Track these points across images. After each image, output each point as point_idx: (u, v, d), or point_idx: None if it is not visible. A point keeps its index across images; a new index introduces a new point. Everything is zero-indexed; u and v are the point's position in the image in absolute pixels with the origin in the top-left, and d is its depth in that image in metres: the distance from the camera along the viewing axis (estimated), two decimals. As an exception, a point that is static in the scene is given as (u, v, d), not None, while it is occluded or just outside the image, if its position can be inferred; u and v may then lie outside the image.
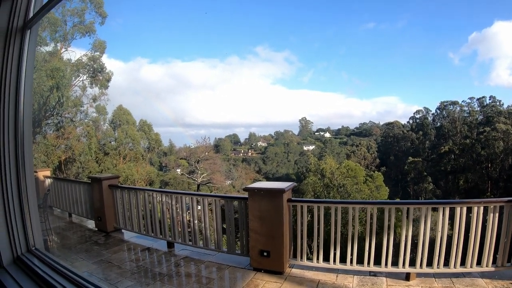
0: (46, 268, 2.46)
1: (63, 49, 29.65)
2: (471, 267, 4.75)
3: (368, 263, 4.89)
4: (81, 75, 30.88)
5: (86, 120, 31.96)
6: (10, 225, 2.68)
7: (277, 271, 5.07)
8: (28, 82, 2.84)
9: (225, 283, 5.14)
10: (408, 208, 4.82)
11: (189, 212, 6.07)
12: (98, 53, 31.25)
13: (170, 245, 6.28)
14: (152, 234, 6.56)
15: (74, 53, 30.67)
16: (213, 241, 6.02)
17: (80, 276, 2.29)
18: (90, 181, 7.78)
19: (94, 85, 31.31)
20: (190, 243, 6.07)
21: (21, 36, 2.71)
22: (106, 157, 32.89)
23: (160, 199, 6.42)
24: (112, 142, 34.97)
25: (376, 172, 38.25)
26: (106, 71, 31.87)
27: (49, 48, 27.52)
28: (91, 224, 7.98)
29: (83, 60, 30.76)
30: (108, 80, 32.07)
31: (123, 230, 7.30)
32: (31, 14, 2.71)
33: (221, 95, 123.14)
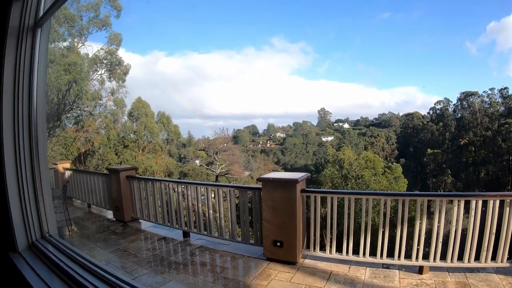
0: (59, 254, 2.57)
1: (80, 44, 30.21)
2: (485, 262, 4.71)
3: (381, 255, 4.92)
4: (98, 69, 31.32)
5: (105, 113, 32.53)
6: (25, 212, 2.81)
7: (290, 261, 5.15)
8: (40, 79, 2.96)
9: (239, 272, 5.27)
10: (422, 200, 4.81)
11: (204, 203, 6.15)
12: (114, 46, 31.63)
13: (186, 234, 6.44)
14: (169, 224, 6.75)
15: (91, 47, 31.15)
16: (227, 231, 6.12)
17: (92, 262, 2.37)
18: (108, 173, 7.98)
19: (112, 79, 31.72)
20: (205, 232, 6.24)
21: (32, 34, 2.83)
22: (125, 149, 33.44)
23: (176, 189, 6.52)
24: (131, 135, 35.45)
25: (394, 163, 38.10)
26: (124, 64, 32.23)
27: (66, 44, 27.93)
28: (109, 214, 8.24)
29: (100, 54, 31.27)
30: (126, 73, 32.45)
31: (140, 220, 7.51)
32: (41, 13, 2.80)
33: (238, 86, 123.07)
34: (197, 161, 48.50)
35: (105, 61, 31.31)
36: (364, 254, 4.97)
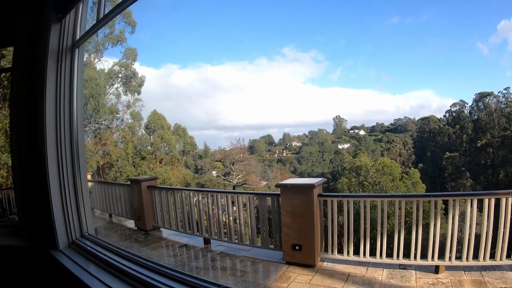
0: (99, 248, 2.88)
1: (96, 60, 31.05)
2: (501, 260, 4.84)
3: (398, 256, 5.09)
4: (114, 83, 32.14)
5: (122, 126, 33.41)
6: (67, 212, 3.14)
7: (308, 264, 5.36)
8: (79, 92, 3.34)
9: (259, 275, 5.52)
10: (436, 201, 4.97)
11: (224, 210, 6.41)
12: (130, 60, 32.48)
13: (207, 241, 6.70)
14: (189, 231, 7.02)
15: (108, 62, 32.03)
16: (247, 237, 6.35)
17: (134, 254, 2.65)
18: (129, 183, 8.31)
19: (128, 92, 32.47)
20: (226, 239, 6.50)
21: (71, 54, 3.21)
22: (142, 161, 34.03)
23: (197, 198, 6.81)
24: (148, 147, 36.03)
25: (412, 168, 38.18)
26: (139, 76, 33.01)
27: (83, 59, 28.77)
28: (130, 223, 8.55)
29: (115, 69, 32.13)
30: (141, 85, 33.28)
31: (161, 229, 7.81)
32: (78, 35, 3.18)
33: (252, 97, 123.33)
34: (214, 172, 48.66)
35: (120, 75, 32.14)
36: (381, 255, 5.15)
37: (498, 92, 65.38)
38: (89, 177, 11.30)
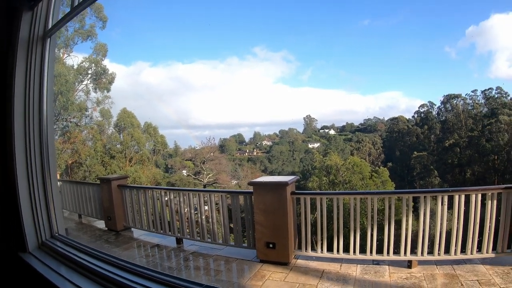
0: (70, 249, 2.80)
1: (66, 55, 30.19)
2: (471, 253, 5.03)
3: (371, 252, 5.19)
4: (84, 79, 31.38)
5: (91, 124, 32.63)
6: (36, 214, 3.03)
7: (282, 262, 5.38)
8: (49, 86, 3.21)
9: (233, 274, 5.50)
10: (408, 198, 5.09)
11: (196, 209, 6.39)
12: (100, 56, 31.77)
13: (179, 241, 6.62)
14: (161, 231, 6.92)
15: (77, 58, 31.21)
16: (220, 236, 6.34)
17: (107, 254, 2.60)
18: (99, 182, 8.14)
19: (97, 89, 31.78)
20: (198, 238, 6.43)
21: (42, 44, 3.07)
22: (112, 160, 33.38)
23: (168, 197, 6.74)
24: (118, 145, 35.38)
25: (381, 167, 39.56)
26: (109, 72, 32.35)
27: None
28: (101, 224, 8.36)
29: (85, 65, 31.30)
30: (111, 82, 32.56)
31: (132, 229, 7.67)
32: (50, 24, 3.06)
33: (223, 96, 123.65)
34: (184, 171, 48.60)
35: (90, 72, 31.40)
36: (354, 251, 5.22)
37: (466, 94, 69.42)
38: (57, 176, 10.99)
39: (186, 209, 6.53)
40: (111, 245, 6.94)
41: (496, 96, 66.51)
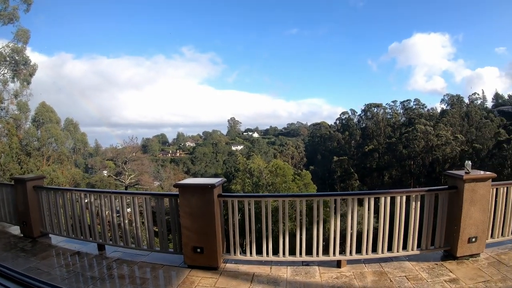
0: None
1: (-17, 39, 27.71)
2: (398, 251, 5.30)
3: (300, 253, 5.24)
4: (2, 67, 28.99)
5: (7, 118, 30.13)
6: None
7: (211, 267, 5.27)
8: None
9: (160, 282, 5.27)
10: (335, 200, 5.22)
11: (118, 212, 6.04)
12: (21, 44, 29.40)
13: (101, 247, 6.22)
14: (82, 237, 6.46)
15: (-5, 42, 28.70)
16: (145, 241, 6.04)
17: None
18: (13, 183, 7.47)
19: (16, 79, 29.48)
20: (122, 244, 6.08)
21: None
22: (28, 158, 31.37)
23: (89, 199, 6.31)
24: (35, 142, 33.36)
25: (304, 170, 41.84)
26: (31, 63, 30.10)
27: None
28: (15, 230, 7.66)
29: (4, 51, 28.85)
30: (32, 74, 30.28)
31: (50, 235, 7.09)
32: None
33: (147, 94, 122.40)
34: (105, 172, 47.73)
35: (9, 59, 29.07)
36: (284, 253, 5.24)
37: (386, 104, 79.85)
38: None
39: (107, 212, 6.13)
40: (28, 254, 6.37)
41: (414, 107, 77.88)
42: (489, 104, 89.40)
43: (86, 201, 6.39)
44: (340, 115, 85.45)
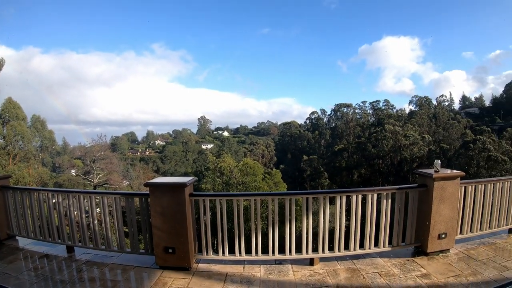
0: None
1: None
2: (369, 248, 5.43)
3: (273, 252, 5.28)
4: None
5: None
6: None
7: (184, 267, 5.24)
8: None
9: (132, 284, 5.18)
10: (307, 198, 5.26)
11: (87, 213, 5.92)
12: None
13: (70, 249, 6.08)
14: (50, 239, 6.29)
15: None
16: (115, 242, 5.95)
17: None
18: (-24, 183, 7.23)
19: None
20: (91, 245, 5.94)
21: None
22: (-7, 157, 30.53)
23: (56, 200, 6.15)
24: (0, 140, 32.47)
25: (274, 169, 42.08)
26: (-2, 58, 29.22)
27: None
28: (-19, 232, 7.46)
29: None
30: (-1, 69, 29.43)
31: (17, 237, 6.87)
32: None
33: (117, 91, 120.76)
34: (73, 171, 46.95)
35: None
36: (256, 252, 5.28)
37: (355, 104, 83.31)
38: None
39: (76, 213, 6.00)
40: (-6, 258, 6.22)
41: (383, 107, 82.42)
42: (457, 106, 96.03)
43: (54, 201, 6.22)
44: (310, 114, 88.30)
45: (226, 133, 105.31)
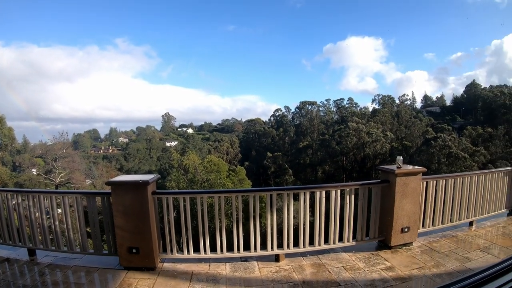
0: None
1: None
2: (334, 243, 5.55)
3: (238, 249, 5.34)
4: None
5: None
6: None
7: (148, 267, 5.20)
8: None
9: (96, 287, 5.10)
10: (271, 195, 5.37)
11: (48, 214, 5.77)
12: None
13: (32, 252, 5.91)
14: (10, 242, 6.10)
15: None
16: (77, 243, 5.82)
17: None
18: None
19: None
20: (53, 247, 5.81)
21: None
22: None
23: (16, 200, 5.97)
24: None
25: (239, 166, 42.83)
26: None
27: None
28: None
29: None
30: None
31: (-25, 241, 6.69)
32: None
33: (79, 87, 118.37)
34: (34, 170, 45.93)
35: None
36: (221, 250, 5.31)
37: (320, 102, 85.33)
38: None
39: (37, 214, 5.85)
40: (-49, 264, 5.99)
41: (347, 105, 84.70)
42: (419, 105, 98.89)
43: (13, 202, 6.02)
44: (274, 112, 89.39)
45: (190, 130, 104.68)
